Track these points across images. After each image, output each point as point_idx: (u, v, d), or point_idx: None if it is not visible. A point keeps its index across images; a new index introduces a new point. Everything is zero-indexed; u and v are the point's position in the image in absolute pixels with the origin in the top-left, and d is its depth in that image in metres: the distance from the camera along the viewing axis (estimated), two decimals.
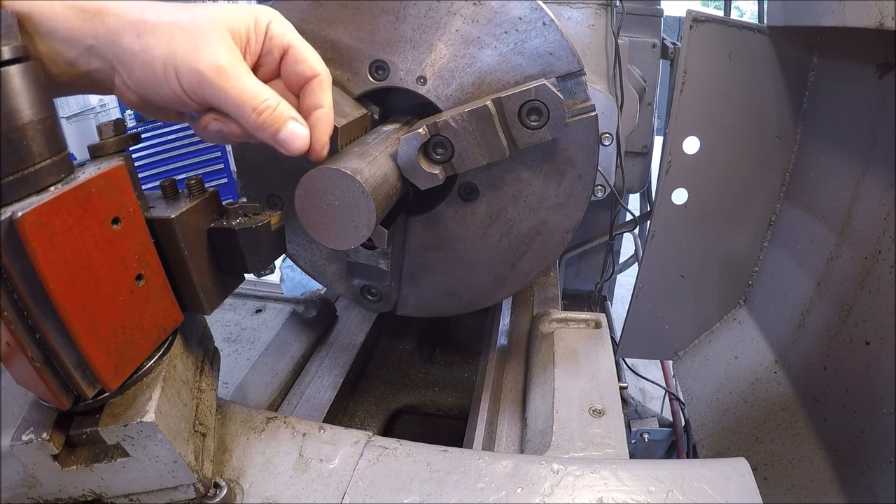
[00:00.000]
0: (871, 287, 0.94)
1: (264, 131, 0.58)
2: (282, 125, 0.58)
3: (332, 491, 0.62)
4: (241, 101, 0.56)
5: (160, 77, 0.54)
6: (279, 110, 0.58)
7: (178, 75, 0.54)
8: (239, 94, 0.55)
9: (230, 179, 6.05)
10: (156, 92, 0.55)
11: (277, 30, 0.60)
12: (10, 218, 0.41)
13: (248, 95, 0.56)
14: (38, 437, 0.52)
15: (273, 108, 0.58)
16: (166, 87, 0.54)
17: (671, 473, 0.60)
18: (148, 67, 0.53)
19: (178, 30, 0.53)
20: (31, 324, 0.45)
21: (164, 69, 0.53)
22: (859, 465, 0.93)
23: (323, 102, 0.62)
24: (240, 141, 0.63)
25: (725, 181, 1.25)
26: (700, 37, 1.12)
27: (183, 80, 0.54)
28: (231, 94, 0.55)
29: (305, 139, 0.60)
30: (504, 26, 0.73)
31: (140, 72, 0.54)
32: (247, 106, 0.56)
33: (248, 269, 0.63)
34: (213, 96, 0.55)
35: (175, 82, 0.54)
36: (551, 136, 0.71)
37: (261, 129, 0.58)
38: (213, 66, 0.54)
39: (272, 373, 1.01)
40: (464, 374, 1.20)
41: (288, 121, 0.59)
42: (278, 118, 0.58)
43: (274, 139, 0.59)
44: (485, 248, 0.87)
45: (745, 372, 1.27)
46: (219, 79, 0.54)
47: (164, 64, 0.53)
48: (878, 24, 0.76)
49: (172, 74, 0.54)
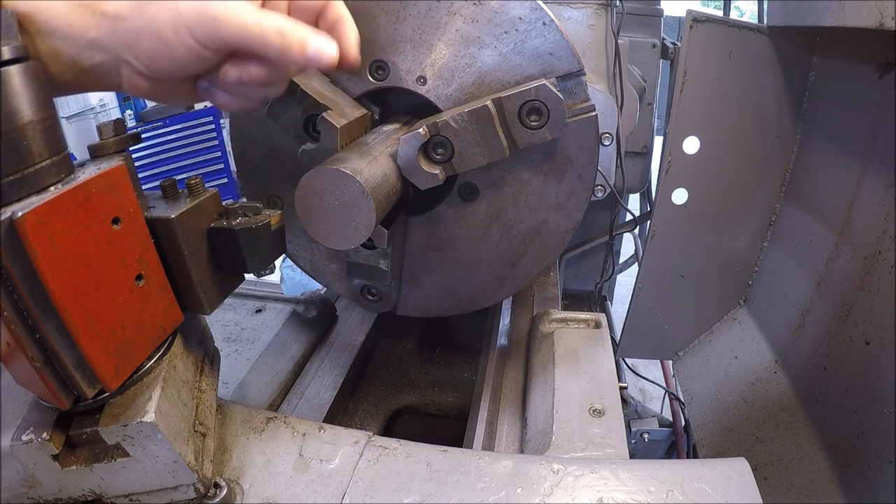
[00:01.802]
0: (871, 287, 0.94)
1: (291, 51, 0.56)
2: (308, 38, 0.57)
3: (332, 491, 0.62)
4: (262, 28, 0.55)
5: (171, 39, 0.53)
6: (299, 28, 0.57)
7: (190, 29, 0.53)
8: (257, 22, 0.55)
9: (230, 179, 6.05)
10: (169, 58, 0.54)
11: None
12: (10, 218, 0.41)
13: (267, 21, 0.55)
14: (38, 437, 0.52)
15: (294, 27, 0.57)
16: (180, 48, 0.54)
17: (671, 473, 0.60)
18: (156, 36, 0.53)
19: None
20: (31, 324, 0.45)
21: (175, 29, 0.53)
22: (859, 465, 0.92)
23: (341, 13, 0.61)
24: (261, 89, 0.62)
25: (725, 181, 1.25)
26: (700, 37, 1.12)
27: (196, 30, 0.53)
28: (249, 24, 0.54)
29: (335, 48, 0.59)
30: (504, 26, 0.73)
31: (148, 44, 0.53)
32: (268, 31, 0.55)
33: (248, 269, 0.63)
34: (232, 34, 0.54)
35: (188, 38, 0.53)
36: (551, 136, 0.71)
37: (287, 51, 0.56)
38: (224, 6, 0.53)
39: (272, 373, 1.01)
40: (464, 374, 1.20)
41: (311, 36, 0.57)
42: (302, 33, 0.57)
43: (304, 57, 0.57)
44: (485, 248, 0.87)
45: (745, 372, 1.27)
46: (233, 15, 0.54)
47: (173, 25, 0.53)
48: (878, 24, 0.76)
49: (184, 31, 0.53)
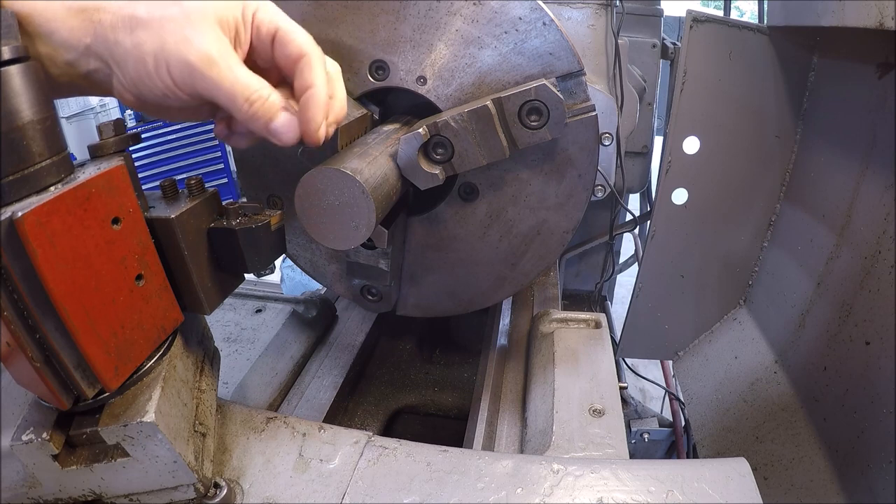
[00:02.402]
0: (871, 287, 0.94)
1: (257, 122, 0.56)
2: (274, 114, 0.57)
3: (332, 491, 0.62)
4: (233, 91, 0.54)
5: (151, 71, 0.52)
6: (271, 100, 0.56)
7: (169, 68, 0.52)
8: (231, 84, 0.54)
9: (230, 179, 6.05)
10: (148, 88, 0.54)
11: (264, 16, 0.58)
12: (10, 218, 0.41)
13: (239, 86, 0.54)
14: (38, 437, 0.52)
15: (265, 98, 0.56)
16: (158, 82, 0.53)
17: (671, 473, 0.60)
18: (140, 63, 0.52)
19: (167, 22, 0.52)
20: (31, 324, 0.45)
21: (156, 63, 0.52)
22: (859, 465, 0.92)
23: (312, 82, 0.59)
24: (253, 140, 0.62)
25: (725, 181, 1.25)
26: (700, 37, 1.12)
27: (174, 72, 0.52)
28: (223, 84, 0.53)
29: (296, 131, 0.58)
30: (504, 26, 0.73)
31: (133, 69, 0.53)
32: (238, 96, 0.54)
33: (248, 269, 0.63)
34: (205, 87, 0.54)
35: (166, 75, 0.53)
36: (551, 136, 0.71)
37: (253, 120, 0.56)
38: (204, 57, 0.52)
39: (272, 373, 1.01)
40: (464, 374, 1.20)
41: (280, 111, 0.57)
42: (270, 108, 0.56)
43: (266, 130, 0.57)
44: (485, 248, 0.87)
45: (745, 372, 1.27)
46: (210, 69, 0.53)
47: (155, 57, 0.52)
48: (878, 24, 0.76)
49: (164, 67, 0.52)
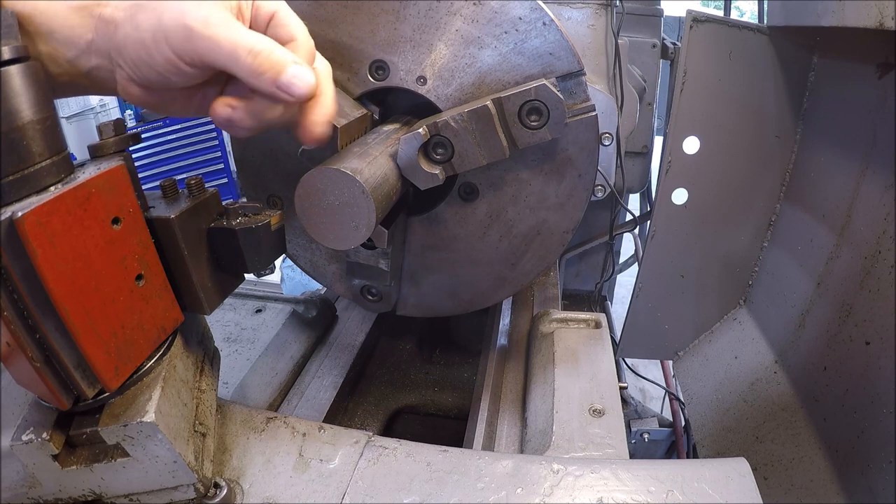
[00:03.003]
0: (871, 287, 0.94)
1: (262, 76, 0.53)
2: (282, 67, 0.53)
3: (332, 491, 0.62)
4: (234, 45, 0.51)
5: (151, 48, 0.51)
6: (277, 53, 0.53)
7: (168, 38, 0.51)
8: (231, 39, 0.51)
9: (230, 179, 6.05)
10: (150, 68, 0.52)
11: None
12: (10, 218, 0.41)
13: (241, 40, 0.52)
14: (38, 437, 0.52)
15: (270, 50, 0.53)
16: (157, 56, 0.51)
17: (671, 473, 0.60)
18: (139, 44, 0.51)
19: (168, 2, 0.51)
20: (31, 324, 0.45)
21: (154, 38, 0.51)
22: (859, 465, 0.92)
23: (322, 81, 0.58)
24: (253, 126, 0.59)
25: (725, 181, 1.25)
26: (700, 37, 1.12)
27: (172, 40, 0.51)
28: (222, 41, 0.51)
29: (310, 84, 0.55)
30: (504, 26, 0.73)
31: (133, 52, 0.52)
32: (240, 49, 0.52)
33: (248, 269, 0.63)
34: (205, 48, 0.51)
35: (165, 46, 0.51)
36: (551, 136, 0.71)
37: (258, 74, 0.53)
38: (201, 19, 0.51)
39: (272, 373, 1.01)
40: (464, 374, 1.20)
41: (289, 63, 0.54)
42: (277, 60, 0.53)
43: (275, 85, 0.54)
44: (485, 248, 0.87)
45: (745, 372, 1.27)
46: (207, 28, 0.51)
47: (154, 33, 0.51)
48: (878, 24, 0.76)
49: (162, 41, 0.51)
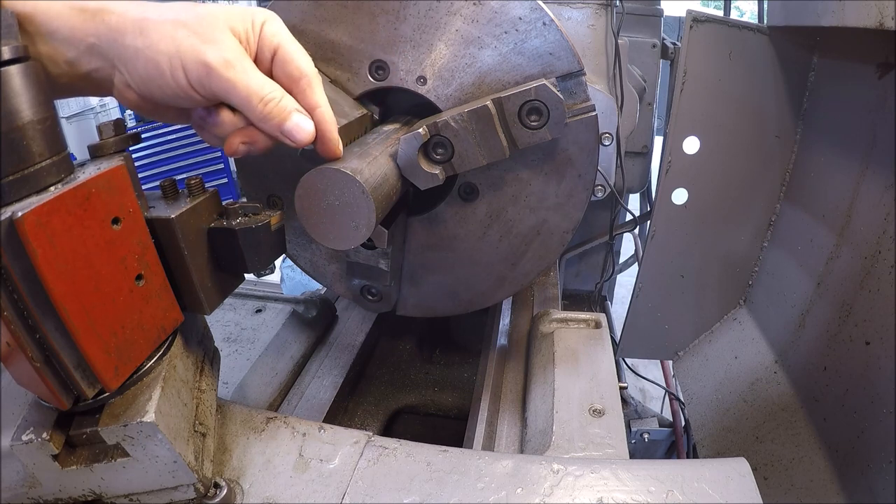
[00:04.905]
0: (871, 287, 0.94)
1: (270, 122, 0.59)
2: (287, 116, 0.60)
3: (332, 491, 0.62)
4: (248, 92, 0.57)
5: (165, 72, 0.55)
6: (284, 102, 0.60)
7: (185, 69, 0.54)
8: (246, 85, 0.57)
9: (230, 179, 6.05)
10: (159, 88, 0.56)
11: (270, 29, 0.61)
12: (10, 218, 0.41)
13: (254, 86, 0.57)
14: (38, 437, 0.52)
15: (278, 99, 0.59)
16: (172, 83, 0.55)
17: (671, 473, 0.60)
18: (152, 64, 0.54)
19: (181, 27, 0.54)
20: (31, 324, 0.45)
21: (170, 64, 0.54)
22: (859, 465, 0.92)
23: (318, 102, 0.63)
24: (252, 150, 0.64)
25: (725, 181, 1.25)
26: (700, 37, 1.12)
27: (190, 73, 0.55)
28: (238, 85, 0.56)
29: (310, 132, 0.62)
30: (504, 26, 0.73)
31: (143, 69, 0.55)
32: (253, 97, 0.57)
33: (248, 269, 0.63)
34: (221, 88, 0.56)
35: (181, 76, 0.55)
36: (551, 136, 0.71)
37: (266, 120, 0.59)
38: (221, 59, 0.55)
39: (272, 373, 1.01)
40: (464, 374, 1.20)
41: (292, 112, 0.60)
42: (283, 109, 0.60)
43: (279, 129, 0.60)
44: (485, 248, 0.87)
45: (745, 372, 1.27)
46: (227, 71, 0.55)
47: (170, 59, 0.54)
48: (878, 24, 0.76)
49: (179, 68, 0.54)
